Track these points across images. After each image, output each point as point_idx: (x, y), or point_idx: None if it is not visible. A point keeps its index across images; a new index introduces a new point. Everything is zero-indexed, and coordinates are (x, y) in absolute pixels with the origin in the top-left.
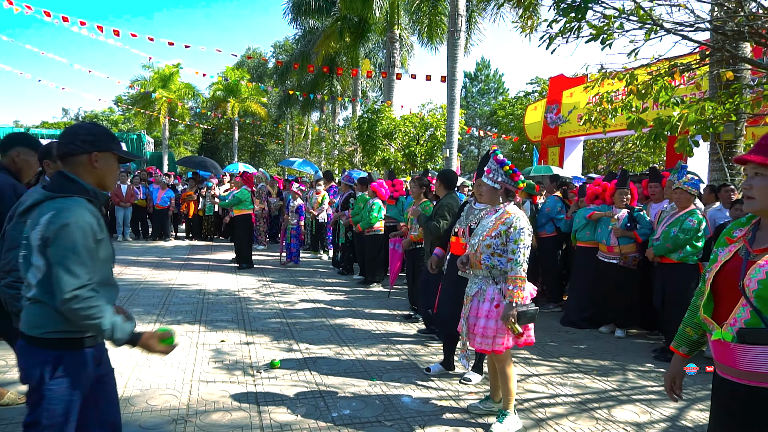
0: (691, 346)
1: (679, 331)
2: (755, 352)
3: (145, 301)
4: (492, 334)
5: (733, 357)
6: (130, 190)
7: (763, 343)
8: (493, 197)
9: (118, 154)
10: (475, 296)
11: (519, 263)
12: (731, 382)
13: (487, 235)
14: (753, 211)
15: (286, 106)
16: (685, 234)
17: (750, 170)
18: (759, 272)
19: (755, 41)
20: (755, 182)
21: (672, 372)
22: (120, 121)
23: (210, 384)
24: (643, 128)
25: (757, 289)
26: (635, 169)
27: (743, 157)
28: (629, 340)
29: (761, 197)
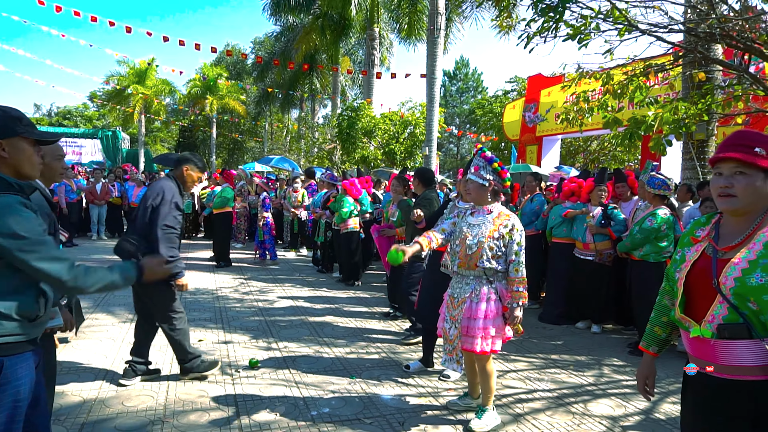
0: (660, 345)
1: (647, 331)
2: (735, 346)
3: (122, 300)
4: (493, 334)
5: (714, 352)
6: (105, 188)
7: (743, 337)
8: (481, 195)
9: (30, 137)
10: (468, 298)
11: (523, 263)
12: (712, 377)
13: (489, 237)
14: (733, 210)
15: (265, 103)
16: (642, 233)
17: (729, 168)
18: (734, 270)
19: (726, 43)
20: (737, 181)
21: (644, 371)
22: (95, 117)
23: (187, 384)
24: (618, 127)
25: (734, 287)
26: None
27: (723, 155)
28: (605, 335)
29: (743, 196)
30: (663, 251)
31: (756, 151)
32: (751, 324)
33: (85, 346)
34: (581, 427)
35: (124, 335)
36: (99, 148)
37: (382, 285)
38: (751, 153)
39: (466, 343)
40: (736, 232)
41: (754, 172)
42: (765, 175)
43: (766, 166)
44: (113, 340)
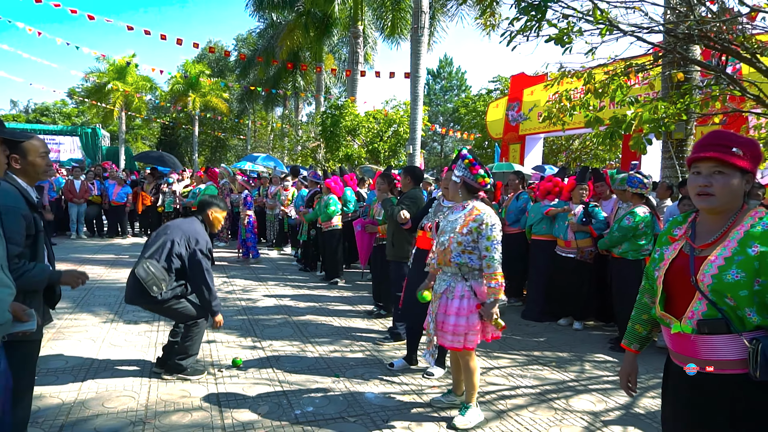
0: (642, 342)
1: (628, 329)
2: (714, 341)
3: (101, 300)
4: (464, 331)
5: (694, 347)
6: (84, 186)
7: (721, 332)
8: (453, 191)
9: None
10: (443, 294)
11: (496, 259)
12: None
13: (458, 232)
14: (711, 208)
15: (248, 100)
16: (620, 231)
17: (707, 168)
18: (711, 267)
19: (704, 44)
20: (715, 180)
21: (627, 369)
22: (74, 114)
23: (169, 384)
24: (599, 126)
25: (711, 284)
26: (593, 165)
27: (702, 155)
28: (586, 331)
29: (722, 195)
30: (641, 249)
31: (733, 151)
32: (729, 319)
33: (64, 347)
34: (563, 423)
35: (104, 336)
36: (78, 146)
37: (366, 283)
38: (729, 153)
39: (441, 338)
40: (712, 230)
41: (731, 172)
42: (741, 175)
43: (742, 166)
44: (93, 341)
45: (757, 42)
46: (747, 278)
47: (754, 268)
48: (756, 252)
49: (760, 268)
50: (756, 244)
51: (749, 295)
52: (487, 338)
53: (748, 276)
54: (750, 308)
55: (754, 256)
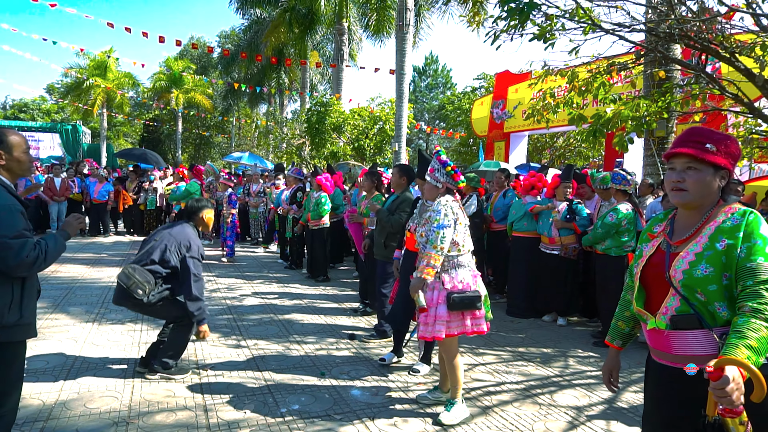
0: (625, 339)
1: (612, 326)
2: (687, 336)
3: (83, 300)
4: (431, 321)
5: (668, 343)
6: (65, 184)
7: (693, 327)
8: (433, 195)
9: None
10: None
11: (431, 240)
12: (667, 367)
13: (422, 225)
14: (684, 203)
15: (232, 97)
16: (603, 228)
17: (681, 163)
18: (682, 263)
19: (685, 43)
20: (688, 175)
21: (609, 365)
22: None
23: (153, 384)
24: (583, 124)
25: (682, 279)
26: (577, 163)
27: (676, 151)
28: (570, 327)
29: (694, 190)
30: (624, 245)
31: (707, 147)
32: (700, 315)
33: (44, 347)
34: (548, 418)
35: (86, 335)
36: (58, 143)
37: (352, 281)
38: (702, 149)
39: (421, 330)
40: (688, 225)
41: (704, 167)
42: (714, 171)
43: (715, 162)
44: (74, 341)
45: (736, 41)
46: (715, 273)
47: (722, 263)
48: (723, 246)
49: (727, 262)
50: (724, 238)
51: (719, 289)
52: (467, 332)
53: (717, 270)
54: (720, 303)
55: (722, 251)
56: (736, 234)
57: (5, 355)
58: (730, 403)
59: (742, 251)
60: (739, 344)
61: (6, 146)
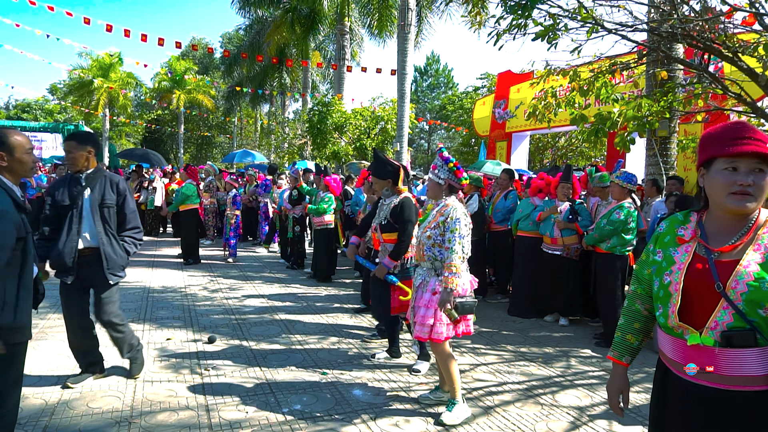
0: (633, 354)
1: (617, 340)
2: (741, 354)
3: None
4: (429, 322)
5: (716, 361)
6: None
7: (749, 345)
8: (436, 192)
9: None
10: (419, 287)
11: (454, 251)
12: (710, 389)
13: (428, 227)
14: (746, 210)
15: (234, 98)
16: (611, 225)
17: (749, 164)
18: (745, 274)
19: (687, 43)
20: (757, 178)
21: (618, 384)
22: (56, 110)
23: (155, 384)
24: (585, 124)
25: (747, 292)
26: (578, 163)
27: (745, 149)
28: (572, 327)
29: (759, 194)
30: (628, 244)
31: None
32: (759, 331)
33: (46, 347)
34: (550, 418)
35: None
36: (61, 143)
37: (353, 281)
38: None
39: (418, 331)
40: (729, 231)
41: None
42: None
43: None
44: None
45: (739, 41)
46: None
47: None
48: None
49: None
50: None
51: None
52: (458, 333)
53: None
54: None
55: None
56: None
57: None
58: None
59: None
60: None
61: (7, 147)
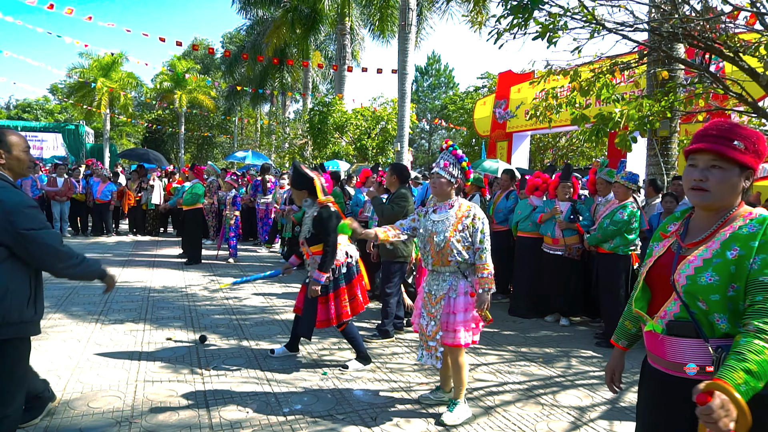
0: (630, 340)
1: (619, 325)
2: (681, 343)
3: (85, 300)
4: (472, 325)
5: (662, 348)
6: (67, 184)
7: (689, 335)
8: (445, 190)
9: None
10: (446, 294)
11: (487, 250)
12: (660, 372)
13: (454, 230)
14: (704, 205)
15: (235, 98)
16: (614, 225)
17: (705, 161)
18: (688, 268)
19: (688, 42)
20: (712, 174)
21: (612, 365)
22: (57, 110)
23: (156, 384)
24: (586, 124)
25: (685, 284)
26: (579, 163)
27: (699, 146)
28: (573, 327)
29: (717, 191)
30: (630, 244)
31: (734, 144)
32: (698, 323)
33: (47, 347)
34: (550, 418)
35: (89, 335)
36: (61, 143)
37: None
38: (730, 146)
39: (448, 338)
40: (703, 228)
41: (730, 167)
42: (740, 171)
43: (743, 161)
44: (78, 341)
45: (740, 41)
46: (721, 282)
47: (730, 273)
48: (734, 255)
49: (737, 273)
50: (736, 247)
51: (721, 300)
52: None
53: (723, 280)
54: (721, 314)
55: (732, 260)
56: (750, 243)
57: (15, 352)
58: (716, 429)
59: (756, 263)
60: (738, 368)
61: (5, 145)
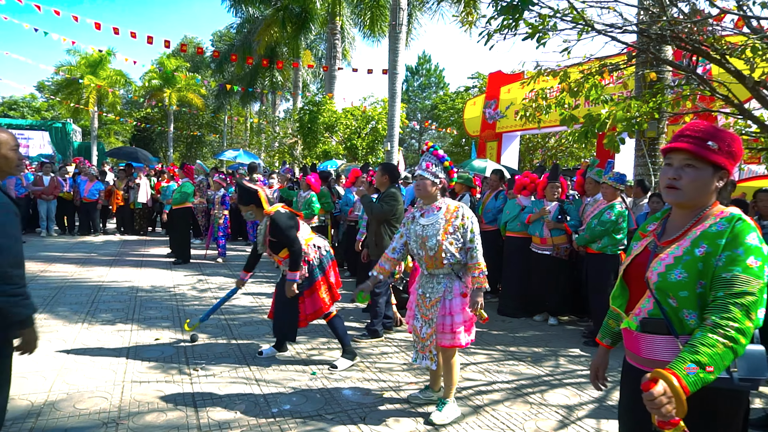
0: (614, 338)
1: (603, 323)
2: (654, 340)
3: (72, 299)
4: (469, 326)
5: (637, 345)
6: (54, 182)
7: (660, 332)
8: (431, 192)
9: None
10: (442, 296)
11: (479, 250)
12: (636, 369)
13: (445, 233)
14: (676, 202)
15: (224, 96)
16: (602, 226)
17: (679, 160)
18: (659, 265)
19: (676, 45)
20: (685, 173)
21: (596, 362)
22: (44, 108)
23: (144, 384)
24: (574, 124)
25: (657, 281)
26: (568, 163)
27: (674, 145)
28: (561, 327)
29: (689, 189)
30: (619, 243)
31: (708, 145)
32: (670, 320)
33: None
34: (539, 417)
35: (75, 335)
36: (48, 141)
37: (343, 281)
38: (703, 146)
39: (445, 340)
40: (678, 226)
41: (703, 166)
42: (714, 171)
43: (716, 161)
44: (64, 341)
45: (727, 43)
46: (689, 279)
47: (698, 270)
48: (702, 253)
49: (704, 270)
50: (704, 244)
51: (690, 296)
52: None
53: (691, 277)
54: (690, 310)
55: (699, 257)
56: (717, 241)
57: None
58: (660, 415)
59: (721, 260)
60: (688, 359)
61: None
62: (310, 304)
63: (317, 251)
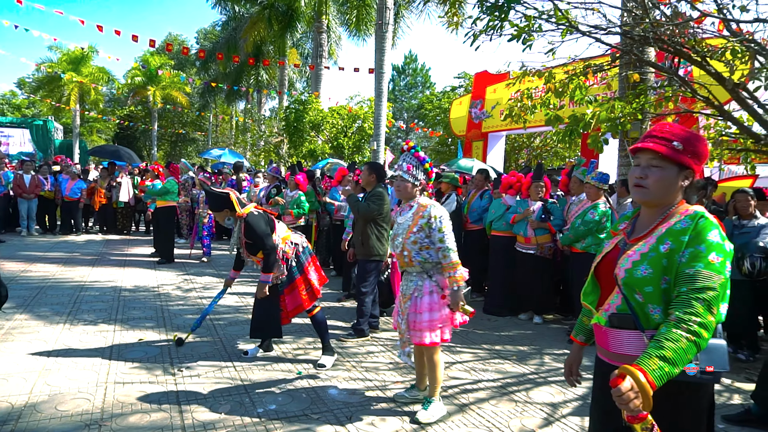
0: (588, 335)
1: (577, 321)
2: (621, 335)
3: (54, 300)
4: (438, 325)
5: (606, 339)
6: (35, 181)
7: (628, 327)
8: (410, 193)
9: None
10: (413, 294)
11: (450, 249)
12: (606, 363)
13: (409, 233)
14: (643, 200)
15: (209, 94)
16: (585, 225)
17: (645, 159)
18: (626, 261)
19: (658, 46)
20: (651, 173)
21: (570, 359)
22: (24, 105)
23: (127, 385)
24: (559, 124)
25: (624, 277)
26: (553, 163)
27: (640, 146)
28: (546, 325)
29: (655, 188)
30: (602, 243)
31: (673, 145)
32: (636, 315)
33: (13, 349)
34: (524, 414)
35: (57, 336)
36: (29, 139)
37: (330, 278)
38: (668, 146)
39: (415, 338)
40: (646, 224)
41: (668, 166)
42: (679, 170)
43: (680, 161)
44: (45, 342)
45: (707, 46)
46: (654, 275)
47: (663, 266)
48: (666, 249)
49: (668, 266)
50: (668, 241)
51: (655, 292)
52: (456, 325)
53: (656, 273)
54: (655, 306)
55: (664, 254)
56: (681, 238)
57: None
58: (629, 410)
59: (684, 256)
60: (654, 354)
61: None
62: (290, 301)
63: (294, 248)
